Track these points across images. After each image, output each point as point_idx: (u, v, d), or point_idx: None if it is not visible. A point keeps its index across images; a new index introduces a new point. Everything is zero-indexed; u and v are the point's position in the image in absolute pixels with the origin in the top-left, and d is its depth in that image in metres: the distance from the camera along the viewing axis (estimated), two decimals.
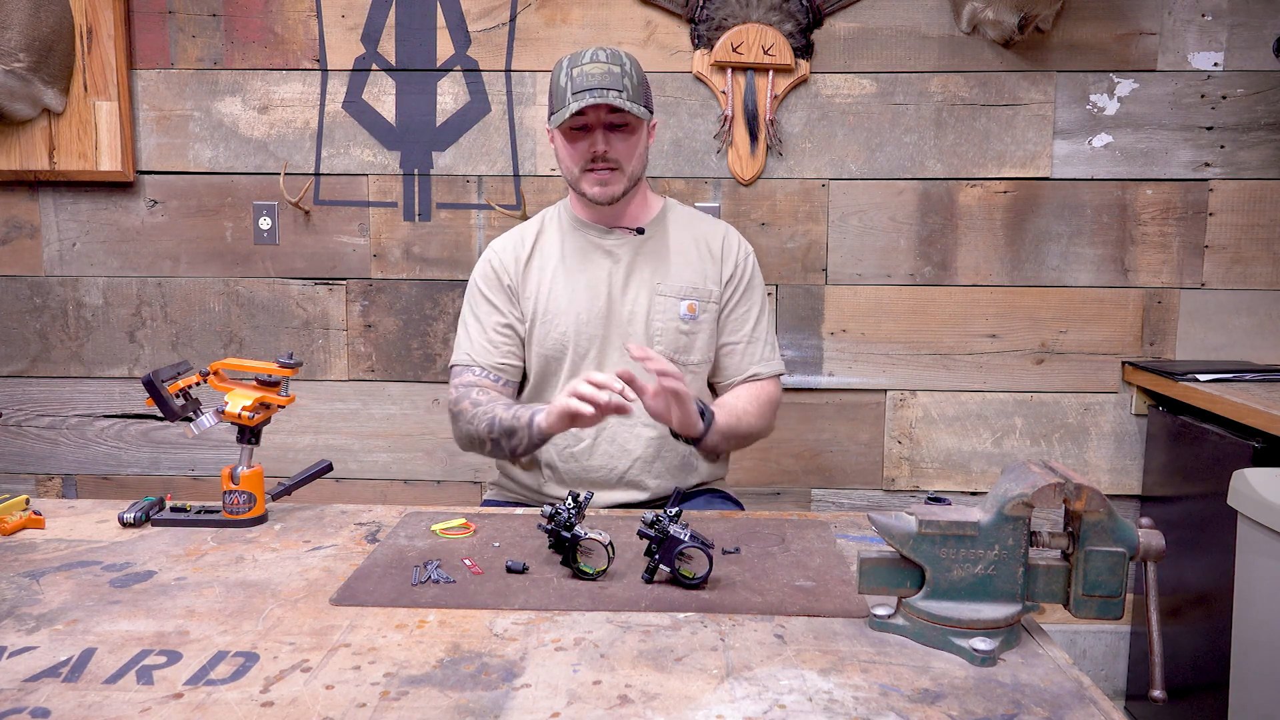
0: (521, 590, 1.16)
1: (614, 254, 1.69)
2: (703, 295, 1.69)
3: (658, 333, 1.67)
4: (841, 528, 1.42)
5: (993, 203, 2.29)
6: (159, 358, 2.40)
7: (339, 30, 2.29)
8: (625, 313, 1.67)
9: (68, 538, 1.35)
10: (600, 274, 1.68)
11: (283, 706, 0.89)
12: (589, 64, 1.56)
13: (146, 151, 2.34)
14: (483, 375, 1.67)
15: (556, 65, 1.62)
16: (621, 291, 1.68)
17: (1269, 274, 2.29)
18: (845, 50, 2.26)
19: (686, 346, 1.68)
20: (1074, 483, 0.99)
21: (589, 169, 1.61)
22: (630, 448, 1.65)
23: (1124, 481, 2.34)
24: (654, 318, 1.67)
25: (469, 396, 1.64)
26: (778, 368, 1.76)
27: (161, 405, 1.38)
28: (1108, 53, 2.24)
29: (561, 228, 1.73)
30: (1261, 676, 1.59)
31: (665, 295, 1.68)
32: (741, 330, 1.72)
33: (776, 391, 1.74)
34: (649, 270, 1.69)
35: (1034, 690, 0.93)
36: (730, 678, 0.95)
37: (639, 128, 1.62)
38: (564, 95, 1.57)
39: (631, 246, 1.69)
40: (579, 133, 1.60)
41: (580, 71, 1.56)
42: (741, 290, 1.73)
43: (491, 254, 1.74)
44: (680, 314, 1.67)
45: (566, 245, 1.71)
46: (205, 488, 2.42)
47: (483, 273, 1.73)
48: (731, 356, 1.72)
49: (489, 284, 1.72)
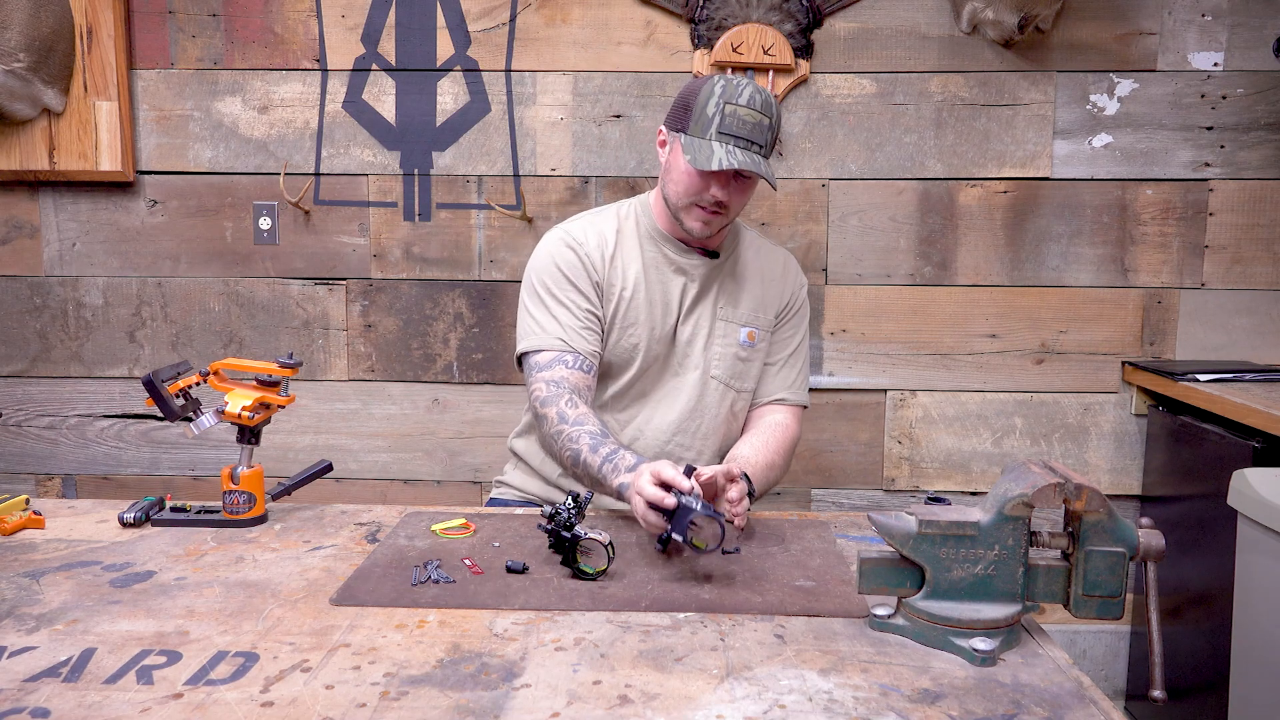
0: (521, 590, 1.16)
1: (688, 273, 1.65)
2: (762, 325, 1.68)
3: (716, 358, 1.65)
4: (841, 528, 1.42)
5: (993, 203, 2.29)
6: (159, 358, 2.40)
7: (339, 30, 2.29)
8: (686, 334, 1.65)
9: (68, 538, 1.35)
10: (674, 291, 1.64)
11: (283, 706, 0.89)
12: (744, 107, 1.48)
13: (146, 151, 2.34)
14: (576, 365, 1.56)
15: (708, 83, 1.52)
16: (688, 312, 1.65)
17: (1269, 274, 2.29)
18: (845, 50, 2.26)
19: (742, 374, 1.67)
20: (1074, 483, 0.99)
21: (701, 205, 1.54)
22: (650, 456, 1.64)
23: (1124, 481, 2.34)
24: (714, 342, 1.65)
25: (557, 406, 1.51)
26: (803, 399, 1.73)
27: (161, 405, 1.38)
28: (1108, 53, 2.24)
29: (640, 233, 1.66)
30: (1261, 676, 1.59)
31: (729, 321, 1.66)
32: (781, 354, 1.71)
33: (798, 431, 1.71)
34: (716, 294, 1.66)
35: (1034, 690, 0.93)
36: (730, 678, 0.95)
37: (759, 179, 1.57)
38: (708, 126, 1.48)
39: (704, 268, 1.65)
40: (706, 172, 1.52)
41: (733, 111, 1.47)
42: (790, 318, 1.72)
43: (573, 242, 1.62)
44: (740, 340, 1.66)
45: (646, 254, 1.65)
46: (205, 488, 2.42)
47: (567, 261, 1.61)
48: (765, 375, 1.71)
49: (575, 272, 1.60)
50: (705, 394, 1.65)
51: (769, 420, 1.69)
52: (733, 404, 1.68)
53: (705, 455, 1.67)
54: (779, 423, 1.68)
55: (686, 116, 1.53)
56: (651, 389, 1.66)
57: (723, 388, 1.66)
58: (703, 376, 1.65)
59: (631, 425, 1.66)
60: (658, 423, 1.65)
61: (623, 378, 1.64)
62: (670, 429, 1.64)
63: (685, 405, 1.64)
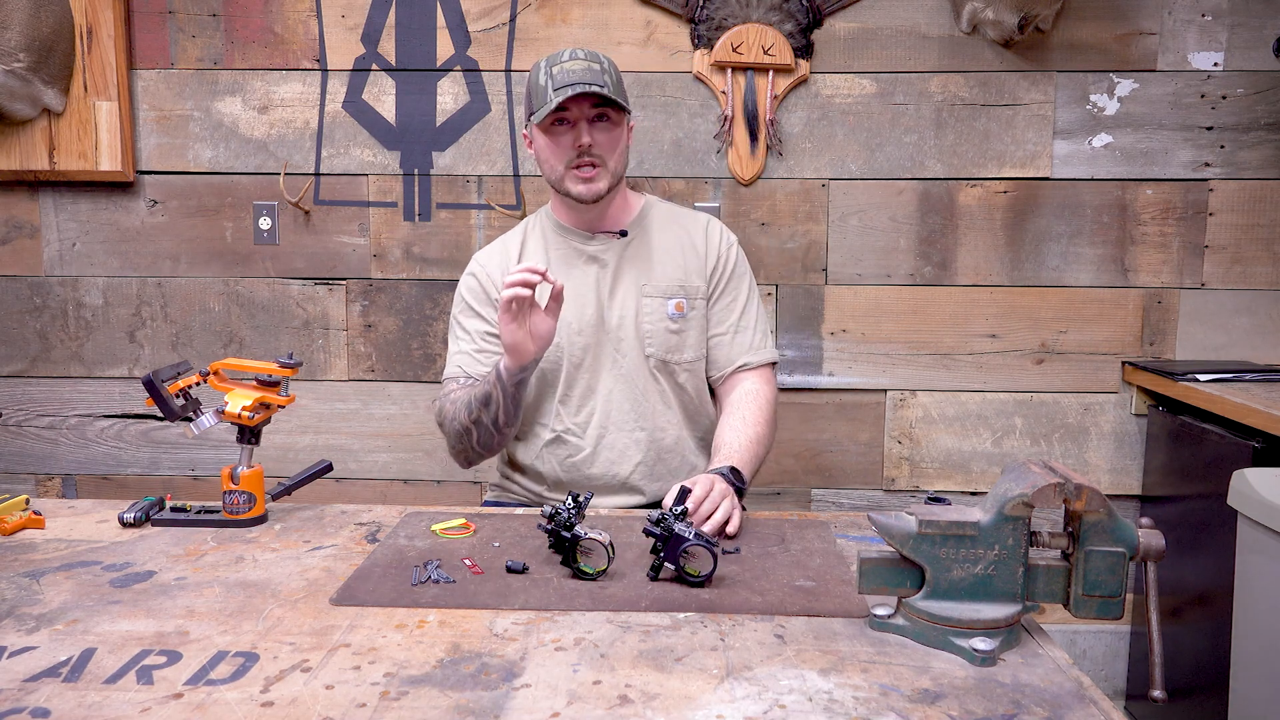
0: (521, 590, 1.16)
1: (600, 259, 1.67)
2: (690, 292, 1.67)
3: (648, 335, 1.65)
4: (841, 528, 1.42)
5: (993, 203, 2.29)
6: (159, 358, 2.40)
7: (339, 30, 2.29)
8: (615, 318, 1.65)
9: (68, 538, 1.35)
10: (588, 281, 1.66)
11: (283, 706, 0.89)
12: (569, 61, 1.55)
13: (146, 151, 2.34)
14: (468, 385, 1.62)
15: (534, 67, 1.60)
16: (610, 297, 1.66)
17: (1269, 274, 2.29)
18: (845, 50, 2.26)
19: (677, 346, 1.66)
20: (1074, 483, 0.99)
21: (574, 166, 1.58)
22: (631, 454, 1.65)
23: (1124, 481, 2.34)
24: (643, 320, 1.65)
25: (449, 398, 1.62)
26: (768, 355, 1.71)
27: (161, 405, 1.38)
28: (1108, 53, 2.24)
29: (545, 235, 1.70)
30: (1261, 676, 1.59)
31: (652, 296, 1.65)
32: (728, 320, 1.70)
33: (773, 390, 1.70)
34: (635, 272, 1.66)
35: (1034, 690, 0.93)
36: (730, 678, 0.95)
37: (620, 122, 1.60)
38: (544, 93, 1.54)
39: (616, 250, 1.67)
40: (561, 127, 1.58)
41: (561, 69, 1.55)
42: (726, 280, 1.70)
43: (476, 267, 1.71)
44: (669, 313, 1.65)
45: (551, 254, 1.68)
46: (205, 488, 2.42)
47: (468, 286, 1.69)
48: (720, 348, 1.70)
49: (475, 297, 1.68)
50: (647, 373, 1.65)
51: (740, 391, 1.67)
52: (675, 377, 1.67)
53: (670, 432, 1.66)
54: (750, 391, 1.67)
55: (530, 102, 1.61)
56: (596, 383, 1.65)
57: (661, 363, 1.65)
58: (640, 356, 1.65)
59: (592, 425, 1.65)
60: (616, 416, 1.64)
61: (559, 379, 1.65)
62: (629, 418, 1.64)
63: (633, 389, 1.64)
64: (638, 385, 1.65)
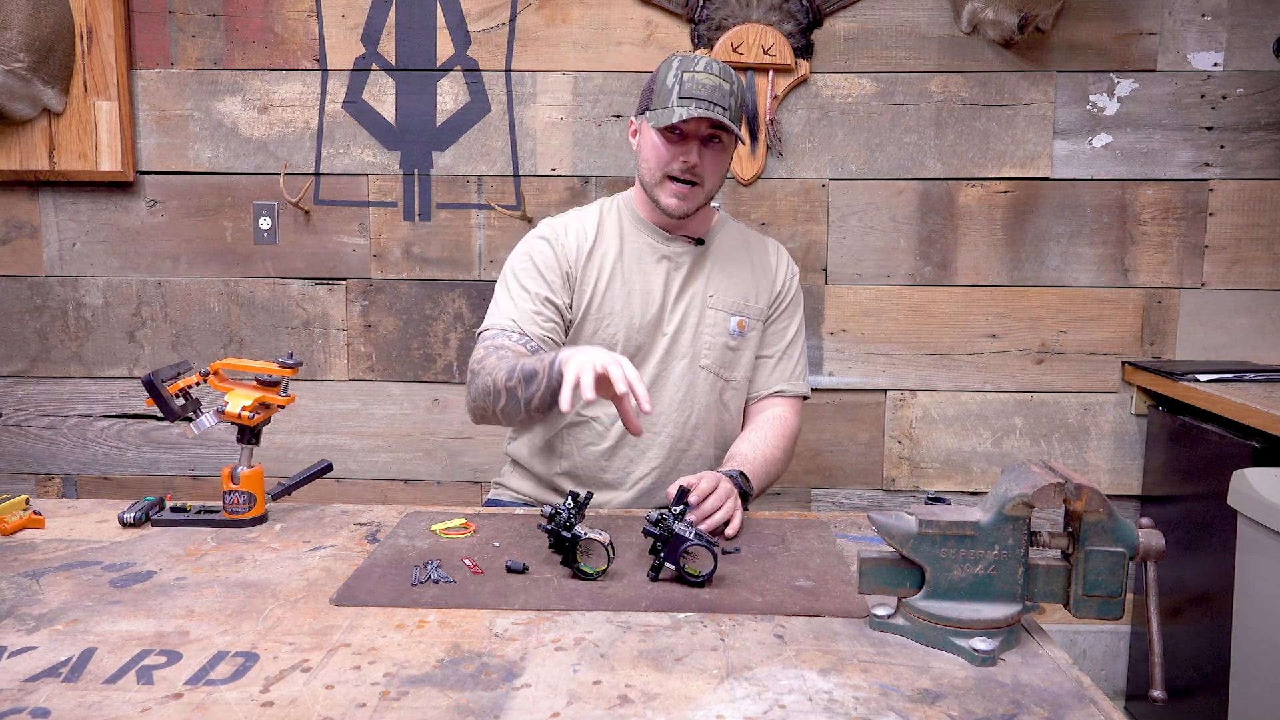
0: (521, 590, 1.16)
1: (673, 260, 1.65)
2: (752, 313, 1.68)
3: (706, 346, 1.64)
4: (841, 528, 1.42)
5: (993, 203, 2.29)
6: (159, 358, 2.40)
7: (339, 30, 2.29)
8: (674, 322, 1.64)
9: (68, 538, 1.35)
10: (657, 280, 1.64)
11: (283, 706, 0.89)
12: (702, 73, 1.51)
13: (146, 151, 2.34)
14: (521, 343, 1.53)
15: (665, 63, 1.56)
16: (674, 301, 1.64)
17: (1269, 274, 2.29)
18: (845, 50, 2.26)
19: (732, 363, 1.66)
20: (1074, 483, 0.99)
21: (672, 177, 1.56)
22: (650, 456, 1.64)
23: (1124, 481, 2.34)
24: (703, 331, 1.64)
25: (495, 352, 1.50)
26: (803, 390, 1.73)
27: (161, 405, 1.38)
28: (1108, 53, 2.24)
29: (622, 224, 1.68)
30: (1261, 676, 1.59)
31: (717, 309, 1.65)
32: (776, 345, 1.71)
33: (798, 423, 1.71)
34: (703, 282, 1.66)
35: (1034, 690, 0.93)
36: (730, 678, 0.95)
37: (730, 145, 1.59)
38: (669, 96, 1.51)
39: (690, 256, 1.66)
40: (673, 135, 1.55)
41: (691, 78, 1.51)
42: (784, 307, 1.72)
43: (551, 234, 1.64)
44: (730, 329, 1.65)
45: (627, 245, 1.66)
46: (205, 488, 2.42)
47: (541, 251, 1.62)
48: (762, 369, 1.70)
49: (547, 263, 1.61)
50: (695, 383, 1.64)
51: (768, 414, 1.69)
52: (722, 393, 1.67)
53: (696, 445, 1.66)
54: (778, 416, 1.68)
55: (650, 96, 1.58)
56: None
57: (712, 377, 1.65)
58: (691, 365, 1.64)
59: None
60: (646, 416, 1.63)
61: None
62: (660, 421, 1.63)
63: (674, 395, 1.64)
64: (679, 392, 1.64)
